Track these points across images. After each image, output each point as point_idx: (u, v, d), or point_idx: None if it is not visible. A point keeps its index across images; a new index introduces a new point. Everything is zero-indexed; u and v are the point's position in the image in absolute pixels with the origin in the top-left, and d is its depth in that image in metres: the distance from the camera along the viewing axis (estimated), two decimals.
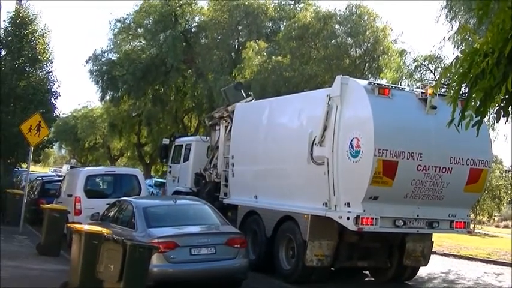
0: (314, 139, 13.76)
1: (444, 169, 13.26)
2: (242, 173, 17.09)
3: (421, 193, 13.22)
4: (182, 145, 21.83)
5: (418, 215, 13.43)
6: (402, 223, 13.26)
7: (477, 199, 20.30)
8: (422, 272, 16.75)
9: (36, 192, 25.45)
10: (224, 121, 18.87)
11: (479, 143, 13.38)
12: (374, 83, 13.64)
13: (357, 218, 12.69)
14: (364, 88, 13.10)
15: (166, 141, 24.76)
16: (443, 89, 14.68)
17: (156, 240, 11.45)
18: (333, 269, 14.88)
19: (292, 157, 14.75)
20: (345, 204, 13.09)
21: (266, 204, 15.53)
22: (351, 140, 12.88)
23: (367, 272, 16.38)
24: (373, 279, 16.13)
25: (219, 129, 19.13)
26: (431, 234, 14.85)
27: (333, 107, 13.49)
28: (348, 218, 12.88)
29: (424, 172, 13.06)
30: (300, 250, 13.93)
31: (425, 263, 15.15)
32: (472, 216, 41.37)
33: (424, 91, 13.58)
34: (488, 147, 14.34)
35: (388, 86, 14.10)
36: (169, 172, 22.65)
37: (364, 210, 12.72)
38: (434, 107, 13.15)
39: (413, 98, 13.60)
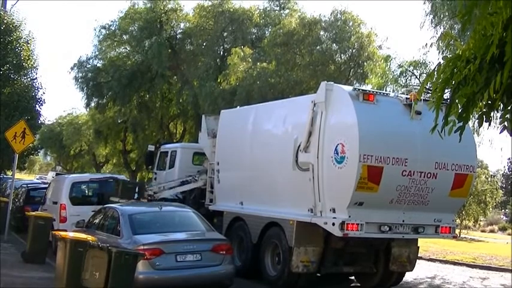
0: (299, 145, 13.80)
1: (429, 174, 13.33)
2: (228, 179, 17.10)
3: (406, 198, 13.28)
4: (167, 152, 21.76)
5: (403, 220, 13.48)
6: (387, 228, 13.32)
7: (462, 204, 20.39)
8: (408, 277, 16.78)
9: (21, 200, 25.33)
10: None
11: (464, 148, 13.53)
12: (359, 89, 13.68)
13: (342, 223, 12.71)
14: (348, 94, 13.15)
15: (151, 147, 24.75)
16: (428, 95, 14.74)
17: (141, 247, 11.47)
18: (319, 274, 14.89)
19: (278, 163, 14.78)
20: (331, 210, 13.11)
21: (252, 210, 15.54)
22: (336, 146, 12.92)
23: (353, 278, 16.42)
24: (359, 284, 16.18)
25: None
26: (417, 239, 14.87)
27: (318, 113, 13.52)
28: (333, 224, 12.89)
29: (409, 177, 13.11)
30: (286, 256, 13.94)
31: (411, 268, 15.17)
32: (458, 221, 41.58)
33: (408, 97, 13.64)
34: (473, 153, 14.42)
35: (373, 91, 14.16)
36: (155, 179, 22.51)
37: (349, 216, 12.75)
38: (419, 113, 13.19)
39: (398, 103, 13.67)
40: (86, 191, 20.30)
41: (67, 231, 13.13)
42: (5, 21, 25.75)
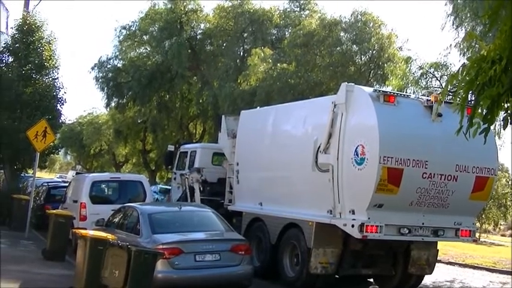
0: (319, 146, 13.78)
1: (450, 177, 13.27)
2: (247, 180, 17.15)
3: (426, 201, 13.22)
4: (187, 152, 21.85)
5: (423, 223, 13.41)
6: (407, 231, 13.26)
7: (483, 207, 20.25)
8: (427, 280, 16.72)
9: (42, 198, 25.75)
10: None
11: (485, 151, 13.29)
12: (379, 90, 13.65)
13: (361, 225, 12.71)
14: (369, 95, 13.11)
15: (171, 147, 25.02)
16: (450, 97, 14.64)
17: (160, 246, 11.55)
18: (337, 276, 14.88)
19: (297, 164, 14.78)
20: (350, 211, 13.10)
21: (271, 211, 15.56)
22: (356, 148, 12.91)
23: (371, 280, 16.37)
24: (377, 287, 16.14)
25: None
26: (437, 242, 14.79)
27: (338, 114, 13.50)
28: (352, 226, 12.90)
29: (430, 180, 13.05)
30: (305, 257, 13.95)
31: (430, 271, 15.08)
32: (478, 224, 41.26)
33: (429, 98, 13.59)
34: (494, 155, 14.31)
35: (394, 93, 14.07)
36: (174, 179, 22.65)
37: (368, 218, 12.73)
38: (440, 115, 13.22)
39: (419, 105, 13.61)
40: (106, 190, 20.51)
41: (87, 230, 13.20)
42: (27, 21, 26.15)
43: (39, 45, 26.19)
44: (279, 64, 29.69)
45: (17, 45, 25.98)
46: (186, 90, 40.87)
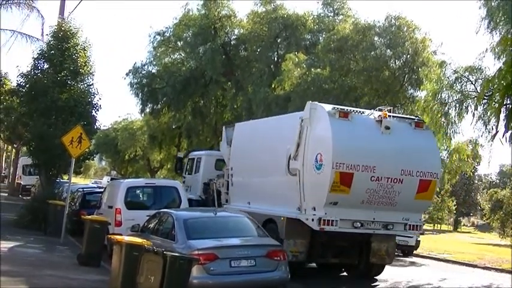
0: (290, 154, 18.70)
1: (395, 180, 18.01)
2: (239, 183, 22.33)
3: (375, 200, 17.98)
4: (194, 158, 27.67)
5: (374, 218, 18.21)
6: (360, 225, 18.10)
7: (428, 206, 24.54)
8: (464, 284, 20.20)
9: (77, 204, 28.92)
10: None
11: (428, 158, 18.30)
12: (337, 108, 18.39)
13: (319, 219, 17.64)
14: (327, 112, 17.97)
15: (180, 154, 30.74)
16: (400, 111, 18.88)
17: (196, 252, 12.93)
18: (315, 265, 19.87)
19: (275, 169, 19.77)
20: (312, 208, 18.01)
21: (255, 209, 20.36)
22: (316, 155, 17.87)
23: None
24: (346, 274, 21.01)
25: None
26: (394, 235, 19.58)
27: (304, 127, 18.39)
28: (312, 220, 17.83)
29: (377, 182, 17.84)
30: None
31: (390, 261, 19.88)
32: None
33: (381, 114, 18.40)
34: (437, 161, 19.05)
35: (349, 110, 18.77)
36: (184, 182, 28.07)
37: (325, 213, 17.61)
38: (387, 128, 18.05)
39: (371, 120, 18.41)
40: (141, 196, 22.77)
41: (122, 235, 14.46)
42: (62, 28, 29.66)
43: (74, 51, 29.46)
44: (313, 69, 33.39)
45: (52, 51, 29.23)
46: (221, 96, 44.68)
